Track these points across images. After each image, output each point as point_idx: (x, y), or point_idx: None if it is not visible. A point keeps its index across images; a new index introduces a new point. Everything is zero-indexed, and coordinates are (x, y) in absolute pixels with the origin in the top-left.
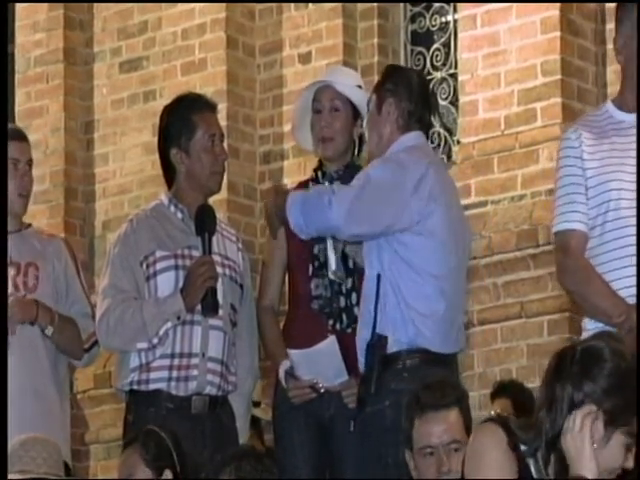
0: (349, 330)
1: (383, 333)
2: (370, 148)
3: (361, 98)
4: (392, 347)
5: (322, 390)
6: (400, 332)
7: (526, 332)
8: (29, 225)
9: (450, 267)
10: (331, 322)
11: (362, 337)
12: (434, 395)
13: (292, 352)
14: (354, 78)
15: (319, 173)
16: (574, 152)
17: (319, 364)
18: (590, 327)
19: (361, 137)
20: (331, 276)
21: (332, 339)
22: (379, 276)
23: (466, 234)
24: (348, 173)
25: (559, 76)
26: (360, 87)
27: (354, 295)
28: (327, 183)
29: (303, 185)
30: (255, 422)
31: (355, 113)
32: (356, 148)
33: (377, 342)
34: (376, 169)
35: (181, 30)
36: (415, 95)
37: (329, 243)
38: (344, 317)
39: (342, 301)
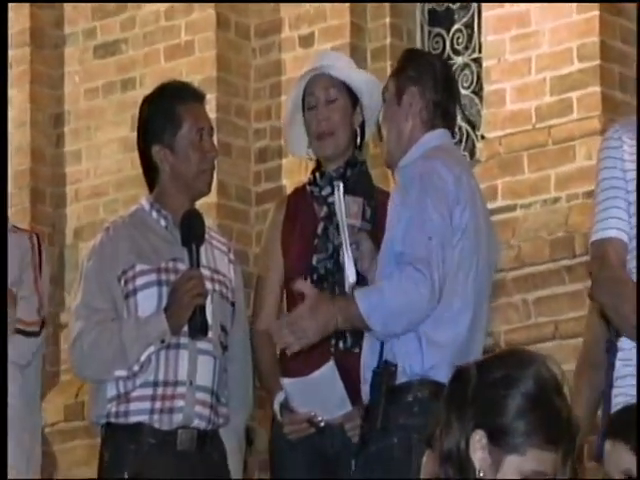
0: (356, 349)
1: (392, 361)
2: (388, 146)
3: (360, 80)
4: (402, 377)
5: (322, 424)
6: (413, 361)
7: (561, 356)
8: None
9: (468, 290)
10: (333, 341)
11: (367, 364)
12: None
13: (286, 382)
14: (348, 61)
15: (317, 175)
16: (615, 153)
17: (317, 394)
18: (626, 346)
19: (362, 127)
20: (348, 291)
21: (331, 365)
22: None
23: (492, 248)
24: (350, 171)
25: (598, 61)
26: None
27: None
28: (335, 188)
29: (299, 191)
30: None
31: (353, 100)
32: (357, 139)
33: (384, 371)
34: (420, 201)
35: (164, 9)
36: (440, 84)
37: (347, 255)
38: (347, 335)
39: None
